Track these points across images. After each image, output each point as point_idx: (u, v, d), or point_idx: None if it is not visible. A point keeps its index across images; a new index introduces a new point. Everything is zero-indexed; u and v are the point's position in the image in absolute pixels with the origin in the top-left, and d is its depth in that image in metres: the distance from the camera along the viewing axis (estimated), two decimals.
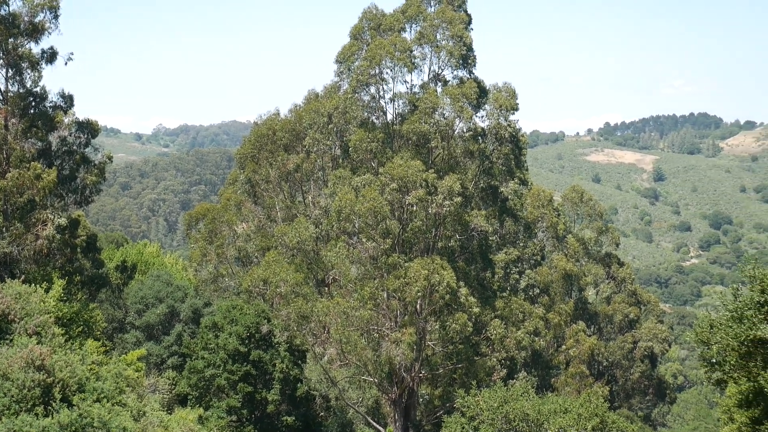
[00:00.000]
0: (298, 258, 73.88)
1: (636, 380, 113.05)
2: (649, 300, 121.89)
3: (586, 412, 50.65)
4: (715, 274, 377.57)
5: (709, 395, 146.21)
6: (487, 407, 50.91)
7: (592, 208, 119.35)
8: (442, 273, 64.65)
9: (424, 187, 66.78)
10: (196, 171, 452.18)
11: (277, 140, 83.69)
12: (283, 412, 64.20)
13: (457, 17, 71.48)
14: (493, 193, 77.32)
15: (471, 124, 72.60)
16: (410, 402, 73.81)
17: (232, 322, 64.45)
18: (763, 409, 39.71)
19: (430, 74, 73.53)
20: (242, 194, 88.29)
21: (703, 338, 40.72)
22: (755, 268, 39.46)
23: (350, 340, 66.21)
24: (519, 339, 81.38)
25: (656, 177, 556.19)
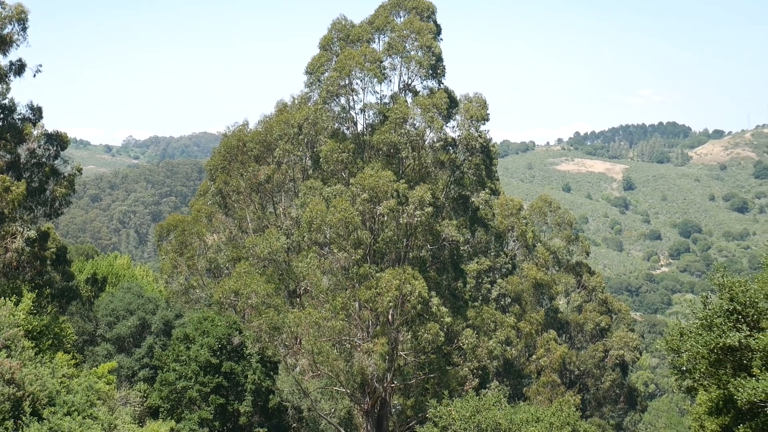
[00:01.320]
0: (270, 269, 73.77)
1: (607, 389, 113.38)
2: (620, 308, 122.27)
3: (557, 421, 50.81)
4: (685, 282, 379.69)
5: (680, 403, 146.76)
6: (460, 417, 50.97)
7: (561, 217, 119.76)
8: (413, 283, 64.69)
9: (395, 197, 66.86)
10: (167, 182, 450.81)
11: (248, 151, 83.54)
12: (256, 423, 64.07)
13: (425, 27, 71.66)
14: (464, 203, 77.49)
15: (442, 134, 72.74)
16: (383, 412, 73.76)
17: (204, 333, 64.28)
18: (733, 416, 39.97)
19: (400, 84, 73.68)
20: (213, 205, 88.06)
21: (673, 346, 40.97)
22: (724, 276, 39.75)
23: (322, 351, 66.13)
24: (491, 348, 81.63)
25: (626, 186, 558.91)
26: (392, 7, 73.64)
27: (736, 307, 38.45)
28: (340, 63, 70.96)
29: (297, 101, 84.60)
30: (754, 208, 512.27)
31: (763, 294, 38.15)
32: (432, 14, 74.06)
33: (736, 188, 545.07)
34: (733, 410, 39.83)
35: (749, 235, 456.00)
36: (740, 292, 38.53)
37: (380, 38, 73.84)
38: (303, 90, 79.30)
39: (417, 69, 72.38)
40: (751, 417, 37.99)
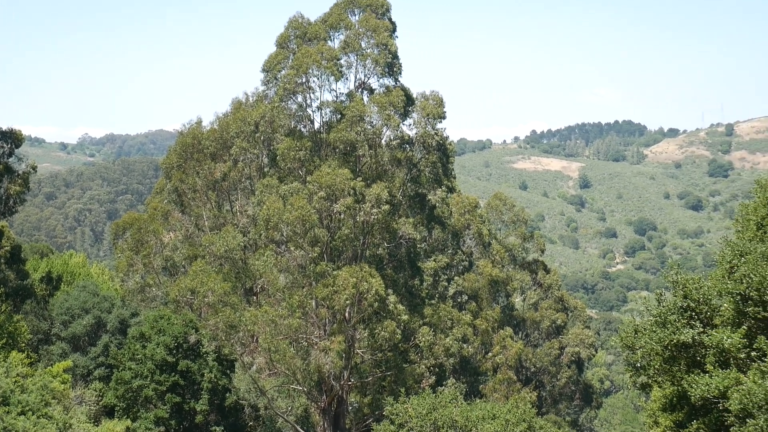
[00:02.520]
0: (226, 267, 73.54)
1: (563, 385, 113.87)
2: (576, 306, 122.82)
3: (513, 417, 50.97)
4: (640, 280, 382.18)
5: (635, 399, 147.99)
6: (416, 414, 51.05)
7: (516, 215, 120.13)
8: (370, 281, 64.78)
9: (352, 195, 66.88)
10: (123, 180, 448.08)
11: (204, 149, 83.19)
12: (212, 422, 63.89)
13: (381, 25, 71.73)
14: (421, 201, 77.63)
15: (398, 132, 72.84)
16: (339, 410, 73.78)
17: (160, 332, 64.01)
18: (687, 412, 40.29)
19: (356, 82, 73.73)
20: (169, 204, 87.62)
21: (628, 343, 41.21)
22: (678, 274, 40.05)
23: (279, 349, 66.08)
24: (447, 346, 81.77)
25: (582, 184, 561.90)
26: (347, 5, 73.66)
27: (690, 304, 38.76)
28: (297, 61, 70.88)
29: (252, 98, 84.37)
30: (708, 206, 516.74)
31: (717, 291, 38.49)
32: (387, 11, 74.16)
33: (691, 186, 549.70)
34: (687, 406, 40.14)
35: (703, 232, 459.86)
36: (694, 289, 38.85)
37: (337, 36, 73.85)
38: (259, 88, 79.27)
39: (373, 67, 72.44)
40: (705, 413, 38.32)
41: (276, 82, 74.17)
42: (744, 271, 36.28)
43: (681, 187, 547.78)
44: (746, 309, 36.41)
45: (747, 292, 36.15)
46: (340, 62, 71.95)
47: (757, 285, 35.53)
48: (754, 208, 42.86)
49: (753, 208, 43.00)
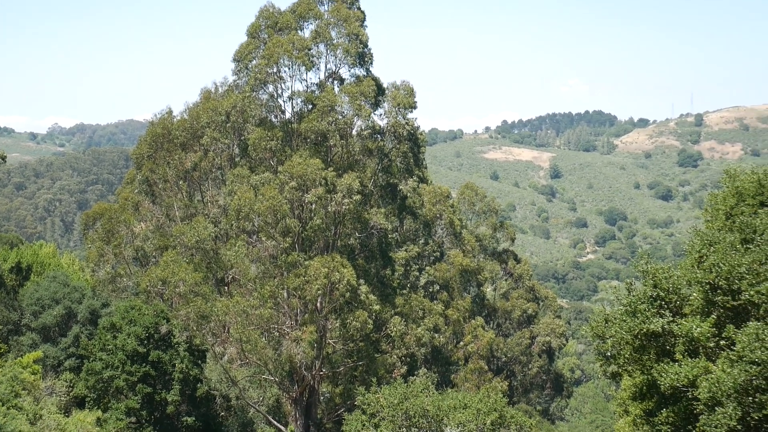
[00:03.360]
0: (197, 257, 73.37)
1: (534, 375, 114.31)
2: (547, 295, 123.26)
3: (484, 407, 51.06)
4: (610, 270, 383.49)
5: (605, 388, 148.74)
6: (388, 404, 51.08)
7: (487, 205, 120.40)
8: (342, 271, 64.81)
9: (323, 185, 66.88)
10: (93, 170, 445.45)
11: (174, 139, 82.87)
12: (183, 412, 63.75)
13: (352, 15, 71.73)
14: (393, 191, 77.73)
15: (369, 122, 72.89)
16: (311, 400, 73.84)
17: (131, 322, 63.77)
18: (657, 401, 40.51)
19: (326, 72, 73.70)
20: (140, 194, 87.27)
21: (598, 332, 41.39)
22: (648, 264, 40.26)
23: (250, 339, 66.04)
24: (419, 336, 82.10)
25: (553, 174, 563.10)
26: None
27: (660, 293, 38.97)
28: (268, 51, 70.75)
29: (222, 88, 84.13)
30: (678, 195, 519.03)
31: (686, 281, 38.72)
32: (356, 0, 74.27)
33: (661, 176, 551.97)
34: (657, 395, 40.34)
35: (673, 222, 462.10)
36: (663, 278, 39.05)
37: (308, 26, 73.74)
38: (230, 77, 79.08)
39: (345, 57, 72.42)
40: (674, 402, 38.55)
41: (247, 71, 74.03)
42: (713, 260, 36.51)
43: (651, 177, 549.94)
44: (715, 298, 36.66)
45: (716, 282, 36.39)
46: (311, 52, 71.87)
47: (726, 274, 35.77)
48: (723, 198, 43.14)
49: (722, 198, 43.28)
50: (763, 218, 37.65)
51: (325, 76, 73.85)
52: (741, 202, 41.91)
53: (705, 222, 44.50)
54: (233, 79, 78.03)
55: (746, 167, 45.17)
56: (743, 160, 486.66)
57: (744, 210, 40.87)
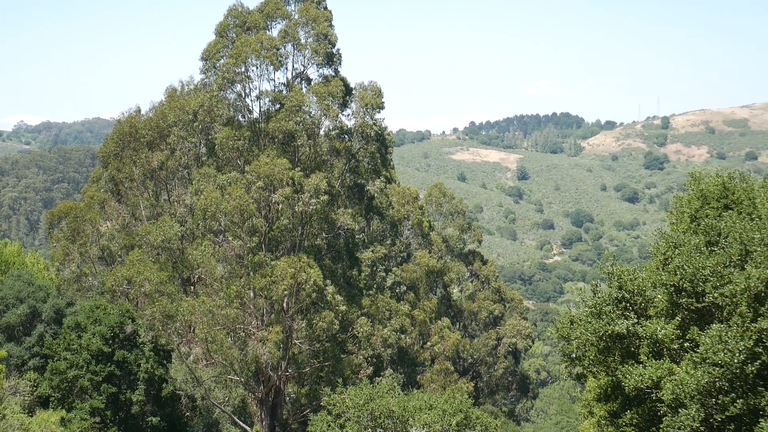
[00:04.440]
0: (163, 257, 73.11)
1: (500, 376, 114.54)
2: (513, 297, 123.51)
3: (450, 408, 51.18)
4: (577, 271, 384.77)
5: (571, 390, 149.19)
6: (353, 405, 51.11)
7: (455, 207, 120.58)
8: (308, 271, 64.77)
9: (290, 185, 66.83)
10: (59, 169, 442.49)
11: (141, 138, 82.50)
12: (148, 412, 63.47)
13: (321, 15, 71.76)
14: (360, 192, 77.75)
15: (337, 122, 72.94)
16: (277, 401, 73.73)
17: (96, 322, 63.43)
18: (621, 402, 40.73)
19: (293, 72, 73.68)
20: (106, 193, 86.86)
21: (563, 334, 41.59)
22: (613, 266, 40.49)
23: (216, 339, 65.87)
24: (385, 336, 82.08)
25: (520, 176, 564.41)
26: None
27: (625, 295, 39.20)
28: (237, 50, 70.65)
29: (187, 87, 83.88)
30: (644, 198, 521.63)
31: (651, 283, 38.96)
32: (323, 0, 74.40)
33: (627, 178, 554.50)
34: (621, 396, 40.56)
35: (639, 224, 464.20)
36: (628, 280, 39.29)
37: (276, 25, 73.69)
38: (198, 76, 78.91)
39: (313, 57, 72.43)
40: (638, 403, 38.76)
41: (215, 71, 73.90)
42: (678, 262, 36.77)
43: (617, 179, 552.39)
44: (680, 300, 36.92)
45: (680, 284, 36.65)
46: (279, 52, 71.83)
47: (690, 276, 36.03)
48: (689, 201, 43.46)
49: (687, 201, 43.60)
50: (728, 221, 37.95)
51: (293, 75, 73.83)
52: (706, 205, 42.24)
53: (670, 224, 44.79)
54: (201, 78, 77.89)
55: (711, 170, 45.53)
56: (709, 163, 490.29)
57: (709, 213, 41.19)
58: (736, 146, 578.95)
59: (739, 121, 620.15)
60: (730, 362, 32.95)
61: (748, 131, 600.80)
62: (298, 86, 72.55)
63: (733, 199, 41.76)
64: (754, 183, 43.69)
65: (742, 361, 32.92)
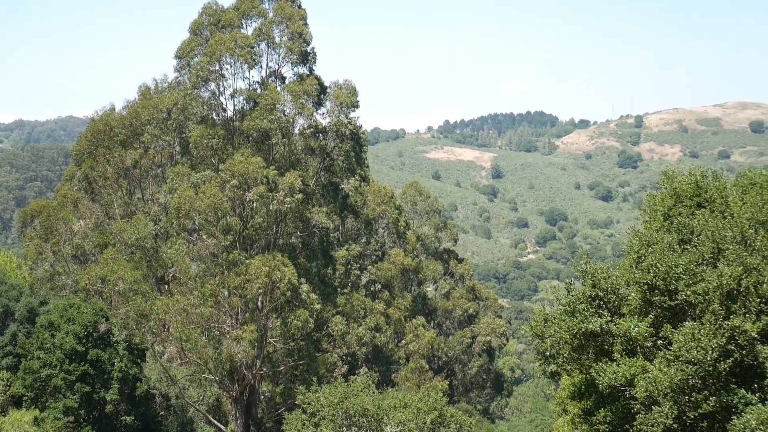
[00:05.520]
0: (137, 255, 72.91)
1: (474, 374, 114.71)
2: (488, 295, 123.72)
3: (425, 406, 51.24)
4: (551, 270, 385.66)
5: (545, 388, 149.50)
6: (328, 403, 51.09)
7: (430, 205, 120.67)
8: (283, 270, 64.73)
9: (264, 183, 66.76)
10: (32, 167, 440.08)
11: (114, 136, 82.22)
12: (122, 411, 63.24)
13: (296, 13, 71.71)
14: (334, 190, 77.75)
15: (312, 120, 72.87)
16: (251, 399, 73.64)
17: (69, 321, 63.17)
18: (595, 400, 40.86)
19: (267, 71, 73.59)
20: (79, 191, 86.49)
21: (537, 332, 41.67)
22: (587, 264, 40.58)
23: (190, 338, 65.73)
24: (360, 335, 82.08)
25: (494, 174, 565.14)
26: None
27: (598, 293, 39.31)
28: (211, 48, 70.51)
29: (161, 85, 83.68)
30: (617, 196, 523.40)
31: (624, 281, 39.09)
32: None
33: (601, 177, 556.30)
34: (595, 394, 40.68)
35: (613, 223, 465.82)
36: (602, 279, 39.40)
37: (251, 24, 73.61)
38: (172, 75, 78.70)
39: (288, 55, 72.38)
40: (612, 401, 38.89)
41: (189, 69, 73.78)
42: (651, 261, 36.91)
43: (591, 177, 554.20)
44: (653, 298, 37.06)
45: (654, 282, 36.80)
46: (253, 50, 71.74)
47: (663, 275, 36.18)
48: (662, 199, 43.63)
49: (660, 199, 43.77)
50: (700, 219, 38.13)
51: (267, 74, 73.74)
52: (679, 204, 42.42)
53: (643, 223, 44.95)
54: (175, 76, 77.74)
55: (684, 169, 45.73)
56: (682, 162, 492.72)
57: (681, 211, 41.37)
58: (708, 145, 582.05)
59: (711, 120, 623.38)
60: (702, 360, 33.12)
61: (720, 130, 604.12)
62: (272, 85, 72.45)
63: (706, 198, 41.97)
64: (727, 181, 43.92)
65: (714, 358, 33.10)
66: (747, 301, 33.55)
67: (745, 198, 40.22)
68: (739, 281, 33.58)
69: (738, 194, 41.19)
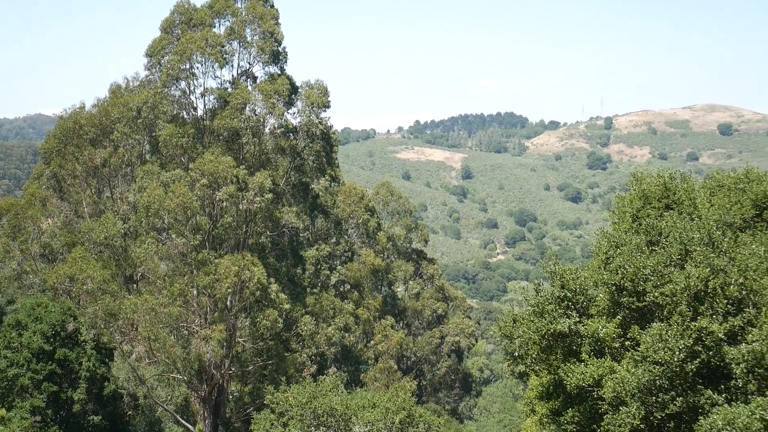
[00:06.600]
0: (106, 254, 72.64)
1: (443, 374, 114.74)
2: (457, 295, 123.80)
3: (393, 406, 51.28)
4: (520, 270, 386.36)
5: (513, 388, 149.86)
6: (296, 403, 51.04)
7: (402, 205, 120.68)
8: (252, 269, 64.66)
9: (234, 183, 66.68)
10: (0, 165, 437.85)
11: (84, 134, 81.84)
12: (90, 411, 62.98)
13: (268, 13, 71.70)
14: (305, 190, 77.77)
15: (283, 120, 72.92)
16: (220, 399, 73.50)
17: (37, 320, 62.84)
18: (563, 400, 40.99)
19: (240, 70, 73.52)
20: (48, 189, 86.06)
21: (506, 332, 41.71)
22: (556, 265, 40.71)
23: (159, 338, 65.55)
24: (329, 335, 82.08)
25: (464, 175, 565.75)
26: None
27: (567, 294, 39.41)
28: (182, 47, 70.37)
29: (133, 84, 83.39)
30: (587, 197, 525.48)
31: (593, 282, 39.23)
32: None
33: (571, 178, 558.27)
34: (563, 395, 40.78)
35: (582, 224, 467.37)
36: (571, 279, 39.52)
37: (223, 23, 73.53)
38: (142, 73, 78.48)
39: (259, 55, 72.37)
40: (580, 401, 39.02)
41: (160, 67, 73.61)
42: (619, 262, 37.06)
43: (561, 178, 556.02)
44: (621, 299, 37.20)
45: (622, 283, 36.95)
46: (224, 49, 71.67)
47: (631, 276, 36.34)
48: (630, 201, 43.83)
49: (629, 201, 43.98)
50: (668, 221, 38.32)
51: (238, 73, 73.68)
52: (647, 205, 42.63)
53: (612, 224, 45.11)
54: (145, 75, 77.51)
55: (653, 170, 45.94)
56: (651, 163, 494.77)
57: (650, 212, 41.58)
58: (677, 147, 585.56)
59: (680, 122, 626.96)
60: (670, 360, 33.29)
61: (689, 132, 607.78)
62: (243, 84, 72.39)
63: (674, 199, 42.20)
64: (695, 183, 44.21)
65: (682, 359, 33.28)
66: (714, 303, 33.74)
67: (712, 200, 40.50)
68: (707, 283, 33.77)
69: (706, 196, 41.46)
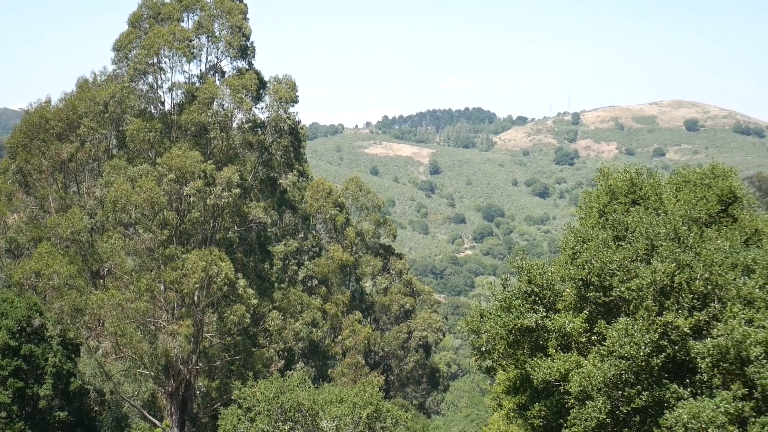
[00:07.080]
0: (72, 249, 72.29)
1: (411, 369, 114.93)
2: (424, 290, 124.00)
3: (360, 401, 51.40)
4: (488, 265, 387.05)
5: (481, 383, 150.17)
6: (264, 398, 51.05)
7: (370, 201, 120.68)
8: (220, 264, 64.56)
9: (202, 178, 66.53)
10: None
11: (50, 129, 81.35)
12: (56, 407, 62.65)
13: (235, 7, 71.55)
14: (272, 185, 77.68)
15: (251, 115, 72.79)
16: (187, 395, 73.34)
17: (2, 315, 62.43)
18: (530, 395, 41.15)
19: (208, 64, 73.33)
20: (13, 184, 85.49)
21: (473, 327, 41.81)
22: (523, 260, 40.85)
23: (126, 333, 65.33)
24: (297, 330, 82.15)
25: (432, 170, 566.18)
26: None
27: (534, 289, 39.58)
28: (149, 40, 70.09)
29: (100, 78, 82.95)
30: (554, 193, 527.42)
31: (560, 277, 39.40)
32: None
33: (538, 174, 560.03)
34: (530, 389, 40.94)
35: (549, 219, 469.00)
36: (538, 274, 39.68)
37: (191, 17, 73.25)
38: (110, 67, 78.09)
39: (227, 49, 72.19)
40: (546, 395, 39.19)
41: (127, 61, 73.24)
42: (586, 257, 37.25)
43: (528, 174, 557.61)
44: (587, 294, 37.42)
45: (588, 278, 37.15)
46: (192, 43, 71.43)
47: (597, 271, 36.54)
48: (597, 196, 44.01)
49: (596, 196, 44.16)
50: (635, 216, 38.54)
51: (206, 68, 73.46)
52: (614, 200, 42.82)
53: (579, 219, 45.28)
54: (113, 69, 77.09)
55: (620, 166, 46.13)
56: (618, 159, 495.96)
57: (616, 208, 41.77)
58: (644, 142, 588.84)
59: (647, 118, 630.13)
60: (636, 355, 33.50)
61: (656, 128, 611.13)
62: (211, 78, 72.21)
63: (641, 195, 42.40)
64: (661, 179, 44.44)
65: (647, 353, 33.49)
66: (680, 297, 33.97)
67: (678, 195, 40.73)
68: (672, 277, 33.99)
69: (672, 192, 41.70)
